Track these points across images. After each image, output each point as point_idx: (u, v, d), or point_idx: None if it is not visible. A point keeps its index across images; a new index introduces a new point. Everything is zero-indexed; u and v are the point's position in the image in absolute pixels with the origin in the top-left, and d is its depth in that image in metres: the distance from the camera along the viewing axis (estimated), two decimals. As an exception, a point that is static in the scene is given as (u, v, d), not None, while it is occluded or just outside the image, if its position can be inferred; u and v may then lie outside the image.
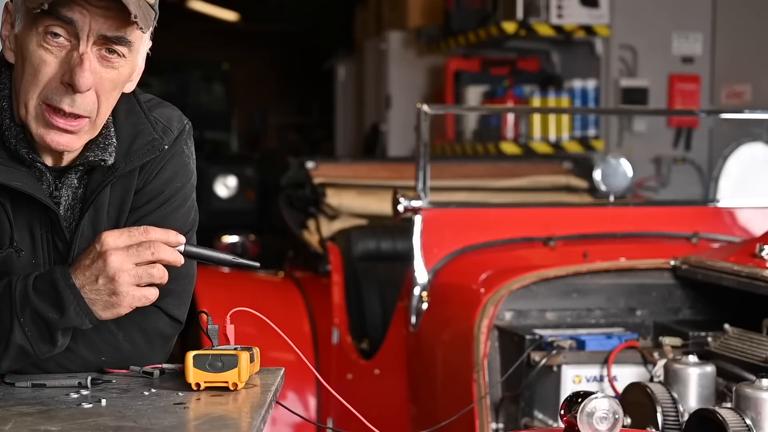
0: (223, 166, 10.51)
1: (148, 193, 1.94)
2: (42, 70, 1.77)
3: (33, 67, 1.77)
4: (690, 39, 6.30)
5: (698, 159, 6.30)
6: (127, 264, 1.74)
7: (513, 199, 4.47)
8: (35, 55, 1.77)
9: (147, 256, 1.75)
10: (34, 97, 1.79)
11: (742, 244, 2.93)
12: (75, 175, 1.89)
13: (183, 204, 1.98)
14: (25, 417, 1.63)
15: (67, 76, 1.76)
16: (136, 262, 1.75)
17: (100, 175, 1.89)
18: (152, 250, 1.75)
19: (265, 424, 1.67)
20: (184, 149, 1.98)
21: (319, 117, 14.71)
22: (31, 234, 1.87)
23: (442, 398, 3.01)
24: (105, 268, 1.74)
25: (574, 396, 1.91)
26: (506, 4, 6.37)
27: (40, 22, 1.75)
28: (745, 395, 2.08)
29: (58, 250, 1.89)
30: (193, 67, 12.20)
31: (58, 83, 1.77)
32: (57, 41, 1.76)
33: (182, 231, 1.87)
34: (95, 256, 1.75)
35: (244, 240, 5.11)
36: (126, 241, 1.75)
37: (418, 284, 3.14)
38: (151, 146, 1.91)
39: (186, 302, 1.98)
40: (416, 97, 7.35)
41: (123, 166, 1.89)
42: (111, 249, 1.74)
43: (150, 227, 1.78)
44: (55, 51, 1.77)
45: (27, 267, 1.86)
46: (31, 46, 1.77)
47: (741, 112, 5.55)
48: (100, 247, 1.75)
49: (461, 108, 6.90)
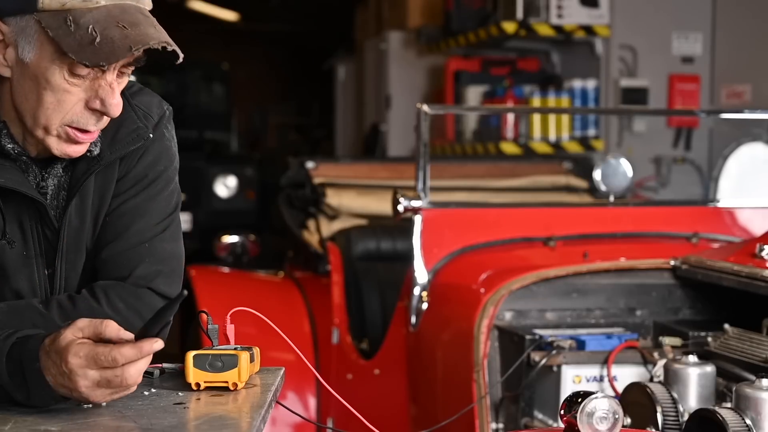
0: (223, 166, 10.49)
1: (132, 179, 1.95)
2: (66, 99, 1.78)
3: (56, 97, 1.77)
4: (690, 39, 6.30)
5: (698, 159, 6.30)
6: (95, 390, 1.64)
7: (513, 199, 4.47)
8: (58, 88, 1.77)
9: (116, 384, 1.63)
10: (56, 122, 1.79)
11: (742, 244, 2.93)
12: (60, 165, 1.90)
13: (166, 187, 1.98)
14: (25, 417, 1.63)
15: (97, 103, 1.78)
16: (105, 388, 1.64)
17: (85, 164, 1.90)
18: (121, 378, 1.63)
19: (265, 424, 1.67)
20: (165, 133, 1.99)
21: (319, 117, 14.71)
22: (20, 226, 1.88)
23: (442, 398, 3.01)
24: (74, 389, 1.63)
25: (574, 396, 1.91)
26: (506, 4, 6.37)
27: (67, 61, 1.74)
28: (745, 395, 2.08)
29: (48, 240, 1.90)
30: (193, 67, 12.18)
31: (82, 109, 1.79)
32: (83, 76, 1.77)
33: (165, 214, 1.93)
34: (63, 371, 1.63)
35: (244, 240, 5.11)
36: (95, 377, 1.62)
37: (418, 284, 3.14)
38: (136, 135, 1.92)
39: (177, 280, 1.96)
40: (416, 97, 7.35)
41: (108, 155, 1.90)
42: (80, 381, 1.63)
43: (118, 352, 1.61)
44: (79, 82, 1.77)
45: (19, 258, 1.87)
46: (52, 79, 1.76)
47: (741, 112, 5.55)
48: (66, 368, 1.62)
49: (461, 108, 6.90)
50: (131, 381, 1.63)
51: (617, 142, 6.32)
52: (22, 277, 1.89)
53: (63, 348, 1.62)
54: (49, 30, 1.72)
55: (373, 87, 8.36)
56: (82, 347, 1.62)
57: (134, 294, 1.88)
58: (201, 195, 10.02)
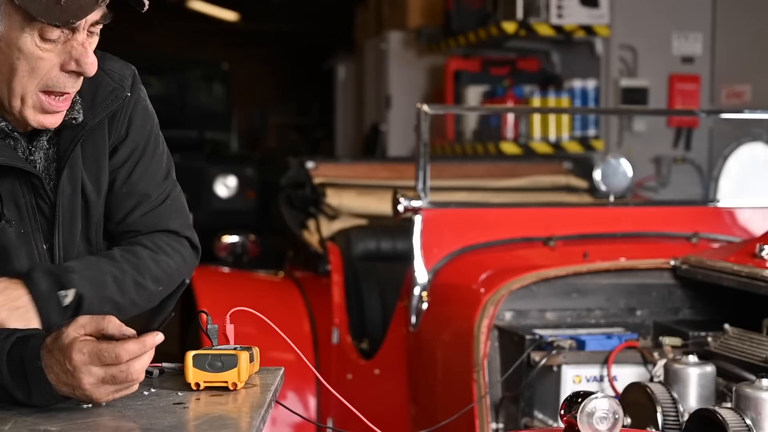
0: (223, 166, 10.50)
1: (129, 147, 2.01)
2: (40, 65, 1.79)
3: (29, 64, 1.78)
4: (690, 39, 6.30)
5: (698, 159, 6.30)
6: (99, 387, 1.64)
7: (513, 199, 4.47)
8: (31, 55, 1.77)
9: (121, 379, 1.64)
10: (31, 90, 1.80)
11: (742, 244, 2.93)
12: (45, 137, 1.92)
13: (158, 145, 2.07)
14: (24, 417, 1.63)
15: (72, 64, 1.79)
16: (109, 385, 1.65)
17: (71, 133, 1.92)
18: (126, 374, 1.63)
19: (264, 424, 1.67)
20: (140, 94, 2.05)
21: (319, 117, 14.72)
22: (16, 204, 1.89)
23: (442, 398, 3.01)
24: (78, 386, 1.63)
25: (574, 396, 1.91)
26: (506, 4, 6.37)
27: (37, 26, 1.75)
28: (745, 395, 2.08)
29: (44, 214, 1.92)
30: (193, 67, 12.20)
31: (57, 72, 1.80)
32: (54, 40, 1.78)
33: (167, 167, 2.06)
34: (67, 369, 1.63)
35: (244, 240, 5.11)
36: (99, 374, 1.62)
37: (418, 284, 3.14)
38: (114, 96, 1.96)
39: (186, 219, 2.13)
40: (416, 97, 7.35)
41: (91, 120, 1.93)
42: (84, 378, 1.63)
43: (122, 348, 1.62)
44: (51, 47, 1.78)
45: (18, 236, 1.88)
46: (24, 47, 1.77)
47: (741, 112, 5.54)
48: (70, 365, 1.62)
49: (461, 108, 6.90)
50: (136, 375, 1.64)
51: (617, 142, 6.32)
52: (22, 254, 1.90)
53: (66, 345, 1.62)
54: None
55: (373, 87, 8.36)
56: (86, 344, 1.62)
57: (178, 242, 2.06)
58: (201, 195, 10.02)
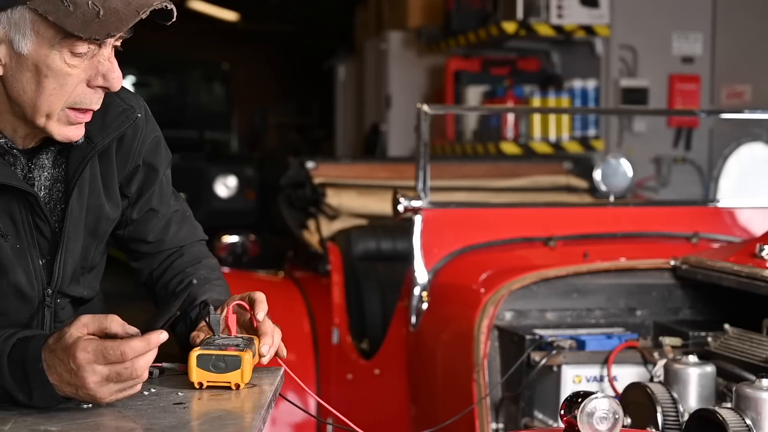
0: (223, 166, 10.51)
1: (154, 170, 2.09)
2: (68, 82, 1.78)
3: (57, 82, 1.78)
4: (690, 39, 6.30)
5: (698, 159, 6.30)
6: (103, 386, 1.64)
7: (513, 199, 4.47)
8: (60, 72, 1.77)
9: (126, 377, 1.64)
10: (58, 108, 1.80)
11: (742, 244, 2.93)
12: (46, 155, 1.92)
13: (168, 156, 2.15)
14: (24, 417, 1.63)
15: (99, 80, 1.80)
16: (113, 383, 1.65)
17: (80, 153, 1.92)
18: (131, 371, 1.63)
19: (265, 424, 1.67)
20: (152, 119, 2.09)
21: (319, 117, 14.71)
22: (12, 219, 1.89)
23: (442, 398, 3.01)
24: (82, 386, 1.64)
25: (574, 396, 1.91)
26: (506, 4, 6.37)
27: (68, 42, 1.75)
28: (745, 395, 2.08)
29: (41, 232, 1.92)
30: (193, 67, 12.20)
31: (84, 88, 1.80)
32: (83, 54, 1.77)
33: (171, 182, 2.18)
34: (71, 368, 1.63)
35: (244, 240, 5.11)
36: (104, 372, 1.63)
37: (418, 284, 3.14)
38: (125, 116, 1.97)
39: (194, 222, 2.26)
40: (416, 97, 7.35)
41: (101, 140, 1.93)
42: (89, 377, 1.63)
43: (127, 346, 1.62)
44: (78, 63, 1.78)
45: (14, 251, 1.89)
46: (53, 64, 1.76)
47: (741, 112, 5.55)
48: (74, 364, 1.62)
49: (461, 108, 6.90)
50: (140, 373, 1.64)
51: (617, 142, 6.32)
52: (19, 269, 1.91)
53: (70, 345, 1.63)
54: (48, 15, 1.71)
55: (373, 87, 8.36)
56: (90, 343, 1.63)
57: (206, 247, 2.25)
58: (201, 195, 10.02)
